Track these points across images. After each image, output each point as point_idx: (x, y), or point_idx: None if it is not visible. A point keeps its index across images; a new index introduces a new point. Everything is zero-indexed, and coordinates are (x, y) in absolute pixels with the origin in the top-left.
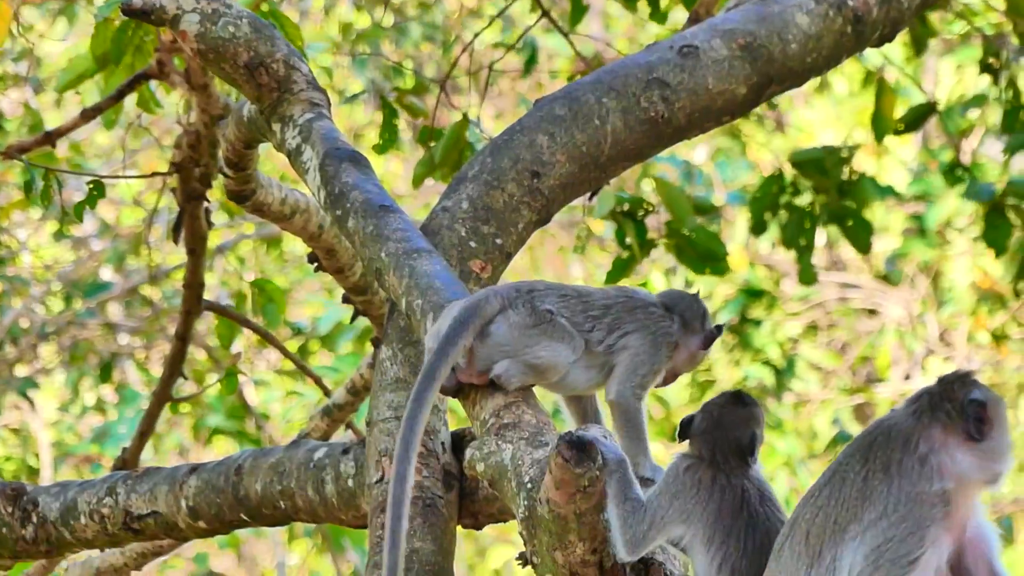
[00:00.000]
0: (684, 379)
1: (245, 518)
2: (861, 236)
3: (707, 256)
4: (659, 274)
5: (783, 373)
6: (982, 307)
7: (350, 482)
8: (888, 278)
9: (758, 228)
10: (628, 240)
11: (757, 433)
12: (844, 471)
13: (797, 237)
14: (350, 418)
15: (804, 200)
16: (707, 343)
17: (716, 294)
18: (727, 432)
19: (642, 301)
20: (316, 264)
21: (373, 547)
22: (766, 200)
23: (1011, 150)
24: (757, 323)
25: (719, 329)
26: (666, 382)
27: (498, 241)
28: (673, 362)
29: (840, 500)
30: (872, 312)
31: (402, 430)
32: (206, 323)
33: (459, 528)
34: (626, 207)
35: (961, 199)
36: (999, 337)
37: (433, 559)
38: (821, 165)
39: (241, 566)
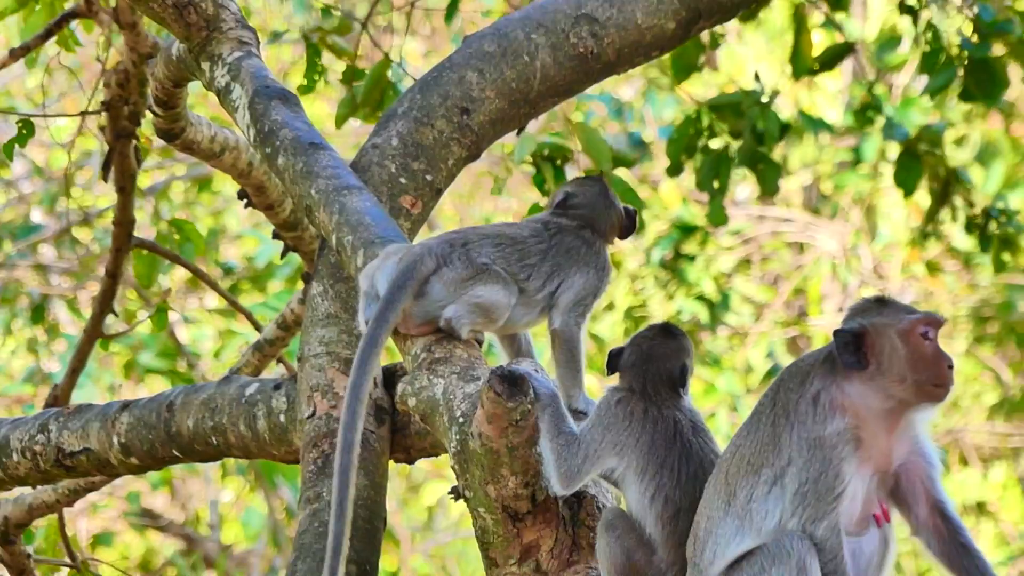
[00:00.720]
0: (618, 314)
1: (177, 454)
2: (769, 178)
3: None
4: None
5: (717, 307)
6: (917, 239)
7: (282, 417)
8: (820, 212)
9: (674, 169)
10: (547, 187)
11: (687, 364)
12: (760, 412)
13: (711, 180)
14: (281, 353)
15: (720, 143)
16: (626, 233)
17: (649, 230)
18: (657, 364)
19: (574, 240)
20: (246, 201)
21: (305, 482)
22: (683, 142)
23: (931, 93)
24: (691, 258)
25: (632, 217)
26: None
27: (428, 177)
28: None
29: (754, 441)
30: (805, 246)
31: (347, 397)
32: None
33: (392, 463)
34: (547, 152)
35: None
36: (933, 269)
37: (366, 494)
38: (738, 109)
39: (174, 504)
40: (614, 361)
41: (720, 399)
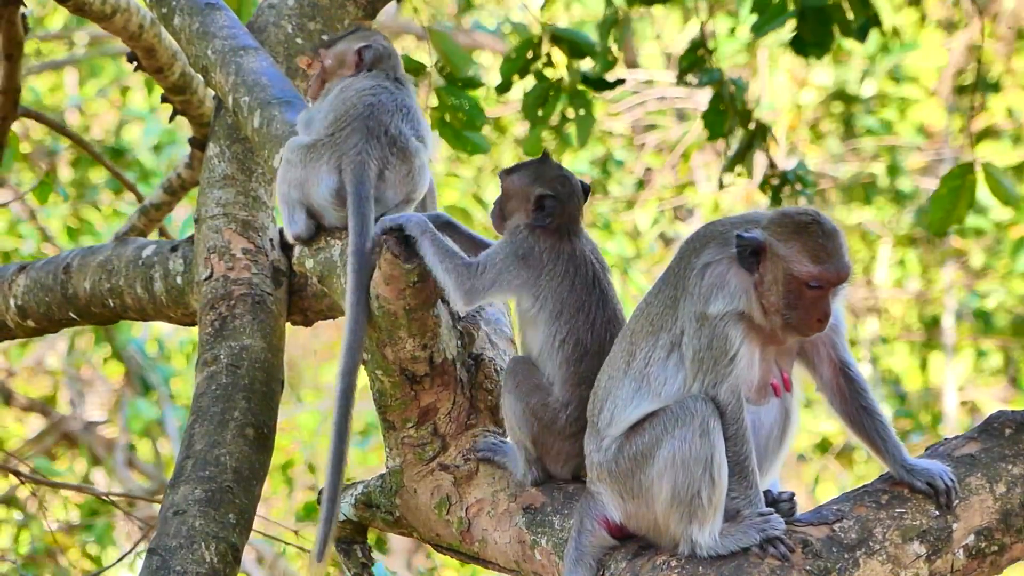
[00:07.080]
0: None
1: (74, 316)
2: (582, 131)
3: (467, 126)
4: None
5: (605, 173)
6: (802, 105)
7: (179, 279)
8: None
9: (503, 87)
10: None
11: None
12: (669, 270)
13: (536, 107)
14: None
15: (554, 74)
16: None
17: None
18: (575, 198)
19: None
20: (135, 64)
21: (202, 345)
22: (518, 63)
23: (756, 29)
24: None
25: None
26: None
27: (324, 37)
28: None
29: (659, 302)
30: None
31: (342, 364)
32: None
33: (289, 325)
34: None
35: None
36: (818, 134)
37: (263, 356)
38: (579, 49)
39: (34, 383)
40: (551, 206)
41: (611, 263)
